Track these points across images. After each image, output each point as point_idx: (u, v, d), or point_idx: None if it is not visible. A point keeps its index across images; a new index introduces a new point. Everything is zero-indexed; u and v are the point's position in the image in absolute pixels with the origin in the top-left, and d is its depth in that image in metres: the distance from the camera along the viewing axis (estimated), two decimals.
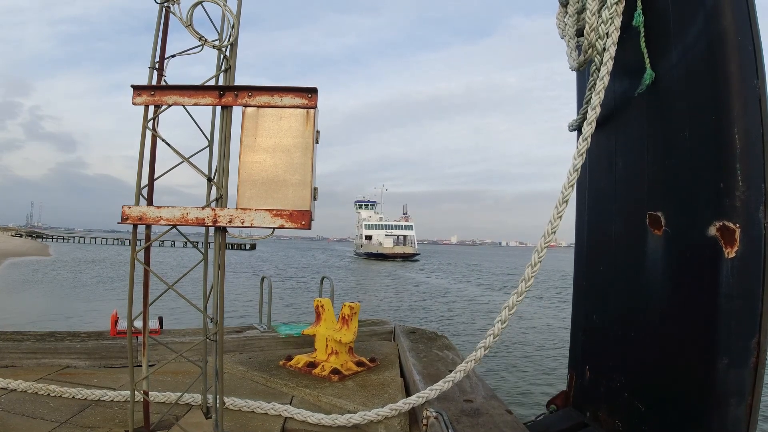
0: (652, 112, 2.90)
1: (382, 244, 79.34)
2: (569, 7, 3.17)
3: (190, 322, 10.23)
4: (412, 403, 3.15)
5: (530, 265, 2.85)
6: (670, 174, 2.74)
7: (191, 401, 3.42)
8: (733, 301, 2.38)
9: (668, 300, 2.75)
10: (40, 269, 37.55)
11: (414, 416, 3.39)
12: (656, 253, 2.82)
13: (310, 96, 2.62)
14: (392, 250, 77.86)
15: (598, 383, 3.32)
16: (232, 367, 4.35)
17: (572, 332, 3.80)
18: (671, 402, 2.66)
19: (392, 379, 4.07)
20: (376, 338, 5.47)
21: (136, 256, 2.59)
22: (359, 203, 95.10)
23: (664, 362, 2.73)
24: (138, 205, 2.58)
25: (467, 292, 32.44)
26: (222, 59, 2.76)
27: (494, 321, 2.93)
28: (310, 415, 3.26)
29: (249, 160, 2.60)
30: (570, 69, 3.35)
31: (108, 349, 4.45)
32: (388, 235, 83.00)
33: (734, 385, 2.39)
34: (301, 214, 2.54)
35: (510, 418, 3.02)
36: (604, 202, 3.41)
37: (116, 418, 3.23)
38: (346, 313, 4.28)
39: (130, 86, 2.59)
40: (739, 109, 2.40)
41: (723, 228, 2.39)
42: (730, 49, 2.43)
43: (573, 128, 3.47)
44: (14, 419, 3.14)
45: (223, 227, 2.59)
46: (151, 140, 2.66)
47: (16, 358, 4.26)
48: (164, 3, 2.68)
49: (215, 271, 2.61)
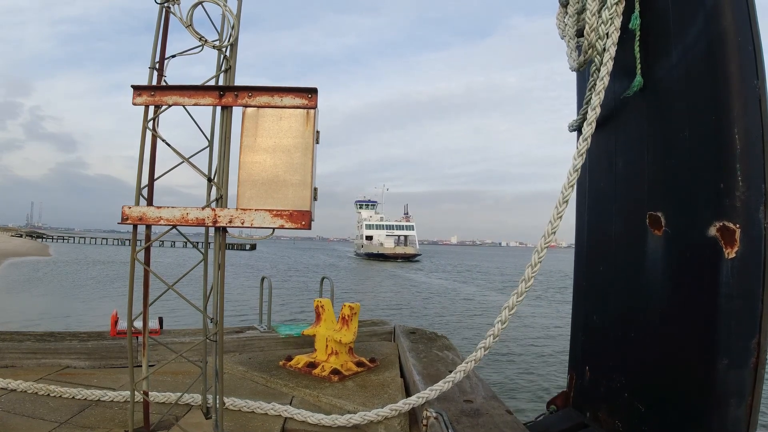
0: (652, 113, 2.90)
1: (382, 245, 78.39)
2: (569, 8, 3.17)
3: (191, 323, 10.23)
4: (412, 404, 3.15)
5: (530, 265, 2.85)
6: (670, 174, 2.74)
7: (191, 401, 3.42)
8: (733, 302, 2.38)
9: (668, 300, 2.75)
10: (40, 269, 37.56)
11: (414, 416, 3.39)
12: (656, 254, 2.82)
13: (310, 96, 2.62)
14: (393, 251, 76.77)
15: (598, 383, 3.32)
16: (232, 367, 4.35)
17: (572, 332, 3.80)
18: (671, 402, 2.66)
19: (392, 379, 4.07)
20: (376, 338, 5.47)
21: (136, 257, 2.59)
22: (360, 203, 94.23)
23: (664, 362, 2.73)
24: (138, 205, 2.58)
25: (467, 292, 32.44)
26: (222, 59, 2.77)
27: (494, 321, 2.93)
28: (310, 416, 3.26)
29: (249, 160, 2.60)
30: (570, 69, 3.35)
31: (108, 350, 4.45)
32: (389, 235, 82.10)
33: (734, 385, 2.39)
34: (301, 214, 2.54)
35: (510, 419, 3.02)
36: (604, 202, 3.41)
37: (116, 418, 3.23)
38: (346, 313, 4.28)
39: (131, 86, 2.59)
40: (739, 109, 2.40)
41: (723, 228, 2.39)
42: (730, 49, 2.43)
43: (573, 128, 3.47)
44: (14, 419, 3.14)
45: (223, 227, 2.59)
46: (151, 140, 2.66)
47: (16, 358, 4.26)
48: (164, 3, 2.68)
49: (215, 272, 2.61)
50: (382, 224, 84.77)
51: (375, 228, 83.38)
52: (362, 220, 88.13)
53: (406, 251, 77.98)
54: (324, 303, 4.53)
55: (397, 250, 77.31)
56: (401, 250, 77.76)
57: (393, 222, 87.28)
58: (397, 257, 75.12)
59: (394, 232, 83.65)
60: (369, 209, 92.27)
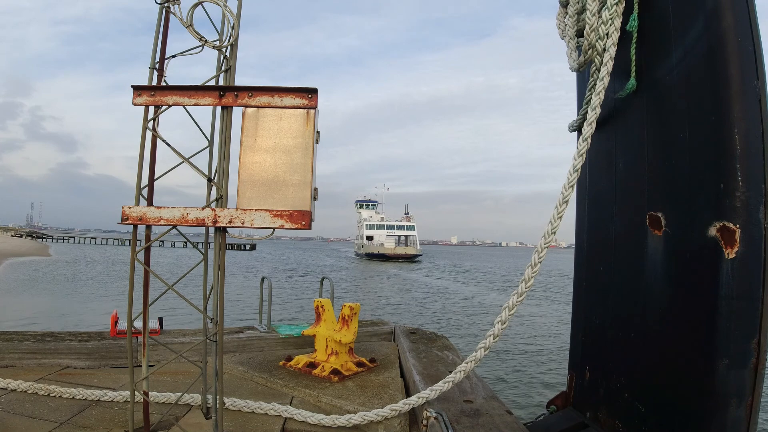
0: (652, 113, 2.90)
1: (383, 245, 77.78)
2: (569, 8, 3.17)
3: (190, 323, 10.24)
4: (412, 404, 3.15)
5: (530, 265, 2.85)
6: (671, 174, 2.74)
7: (191, 402, 3.42)
8: (733, 302, 2.38)
9: (668, 300, 2.75)
10: (40, 269, 37.56)
11: (414, 417, 3.39)
12: (656, 254, 2.82)
13: (311, 96, 2.62)
14: (394, 251, 76.05)
15: (598, 384, 3.32)
16: (232, 367, 4.34)
17: (572, 333, 3.80)
18: (671, 403, 2.66)
19: (392, 379, 4.07)
20: (376, 339, 5.47)
21: (136, 257, 2.59)
22: (360, 203, 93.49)
23: (664, 363, 2.73)
24: (138, 205, 2.58)
25: (467, 292, 32.44)
26: (222, 60, 2.77)
27: (494, 321, 2.93)
28: (310, 416, 3.26)
29: (249, 160, 2.60)
30: (570, 70, 3.35)
31: (108, 350, 4.45)
32: (390, 235, 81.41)
33: (734, 386, 2.39)
34: (301, 214, 2.54)
35: (510, 419, 3.02)
36: (604, 202, 3.41)
37: (116, 418, 3.23)
38: (346, 313, 4.28)
39: (131, 86, 2.59)
40: (740, 109, 2.40)
41: (723, 229, 2.39)
42: (731, 50, 2.43)
43: (573, 129, 3.47)
44: (14, 419, 3.14)
45: (223, 228, 2.59)
46: (151, 140, 2.66)
47: (16, 358, 4.26)
48: (164, 3, 2.68)
49: (215, 272, 2.61)
50: (382, 224, 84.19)
51: (375, 228, 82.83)
52: (363, 220, 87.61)
53: (407, 251, 77.25)
54: (324, 303, 4.53)
55: (397, 251, 76.65)
56: (402, 251, 77.08)
57: (394, 222, 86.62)
58: (398, 257, 74.44)
59: (395, 232, 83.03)
60: (369, 209, 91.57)
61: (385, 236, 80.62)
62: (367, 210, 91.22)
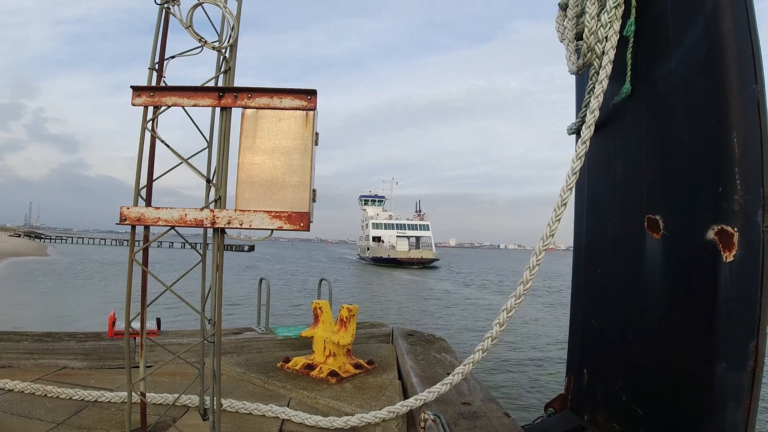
0: (650, 116, 2.91)
1: (394, 247, 63.77)
2: (569, 11, 3.18)
3: (188, 324, 10.21)
4: (410, 406, 3.15)
5: (529, 268, 2.85)
6: (669, 177, 2.75)
7: (188, 403, 3.41)
8: (731, 305, 2.38)
9: (666, 303, 2.75)
10: (39, 269, 37.48)
11: (411, 419, 3.38)
12: (654, 257, 2.82)
13: (310, 98, 2.62)
14: (408, 255, 61.90)
15: (596, 386, 3.32)
16: (229, 368, 4.33)
17: (570, 335, 3.80)
18: (669, 405, 2.66)
19: (390, 381, 4.06)
20: (374, 340, 5.46)
21: (134, 257, 2.58)
22: (365, 198, 79.18)
23: (663, 365, 2.73)
24: (136, 205, 2.58)
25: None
26: (222, 60, 2.77)
27: (492, 324, 2.92)
28: (307, 417, 3.25)
29: (248, 161, 2.59)
30: (569, 73, 3.35)
31: (105, 350, 4.44)
32: (401, 236, 67.34)
33: (732, 388, 2.39)
34: (299, 215, 2.54)
35: (508, 422, 3.02)
36: (603, 205, 3.41)
37: (113, 419, 3.22)
38: (345, 315, 4.28)
39: (130, 87, 2.59)
40: (738, 113, 2.41)
41: (721, 232, 2.40)
42: (729, 53, 2.44)
43: (572, 132, 3.48)
44: (11, 420, 3.13)
45: (221, 228, 2.58)
46: (150, 141, 2.66)
47: (13, 358, 4.25)
48: (164, 4, 2.68)
49: (213, 273, 2.61)
50: (391, 223, 70.50)
51: (384, 227, 69.56)
52: (368, 218, 73.87)
53: (423, 255, 63.00)
54: (322, 305, 4.52)
55: (412, 254, 62.49)
56: (417, 254, 62.84)
57: (405, 221, 72.21)
58: (413, 263, 60.69)
59: (406, 232, 69.04)
60: (376, 206, 77.57)
61: (395, 237, 66.96)
62: (373, 207, 77.37)
